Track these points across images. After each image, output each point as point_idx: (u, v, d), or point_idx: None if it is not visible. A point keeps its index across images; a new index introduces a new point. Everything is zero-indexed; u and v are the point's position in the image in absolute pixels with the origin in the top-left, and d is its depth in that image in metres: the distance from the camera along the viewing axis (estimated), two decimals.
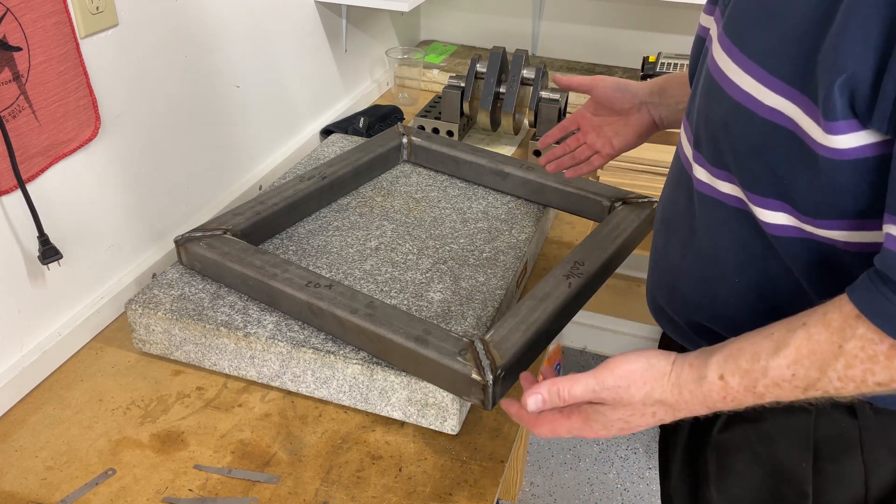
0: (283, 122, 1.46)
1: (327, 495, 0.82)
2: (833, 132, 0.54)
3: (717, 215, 0.69)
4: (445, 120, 1.57)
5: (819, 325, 0.57)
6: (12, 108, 0.85)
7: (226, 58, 1.24)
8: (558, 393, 0.67)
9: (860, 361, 0.55)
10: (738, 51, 0.61)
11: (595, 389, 0.65)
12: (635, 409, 0.65)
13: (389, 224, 1.15)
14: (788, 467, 0.73)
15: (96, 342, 1.04)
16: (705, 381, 0.62)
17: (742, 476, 0.77)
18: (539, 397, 0.67)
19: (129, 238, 1.10)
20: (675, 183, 0.77)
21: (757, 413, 0.73)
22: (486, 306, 0.98)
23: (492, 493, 0.83)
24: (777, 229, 0.64)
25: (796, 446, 0.72)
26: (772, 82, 0.58)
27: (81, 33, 0.93)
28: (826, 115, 0.54)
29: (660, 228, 0.81)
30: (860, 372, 0.55)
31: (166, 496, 0.81)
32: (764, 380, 0.59)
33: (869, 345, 0.54)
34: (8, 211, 0.89)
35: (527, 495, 1.93)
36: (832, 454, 0.71)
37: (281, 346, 0.91)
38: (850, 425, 0.70)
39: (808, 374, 0.57)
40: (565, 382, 0.66)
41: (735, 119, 0.62)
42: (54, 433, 0.89)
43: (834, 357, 0.56)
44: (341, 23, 1.59)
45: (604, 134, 1.02)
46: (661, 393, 0.64)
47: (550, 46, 2.00)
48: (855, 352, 0.55)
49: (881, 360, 0.54)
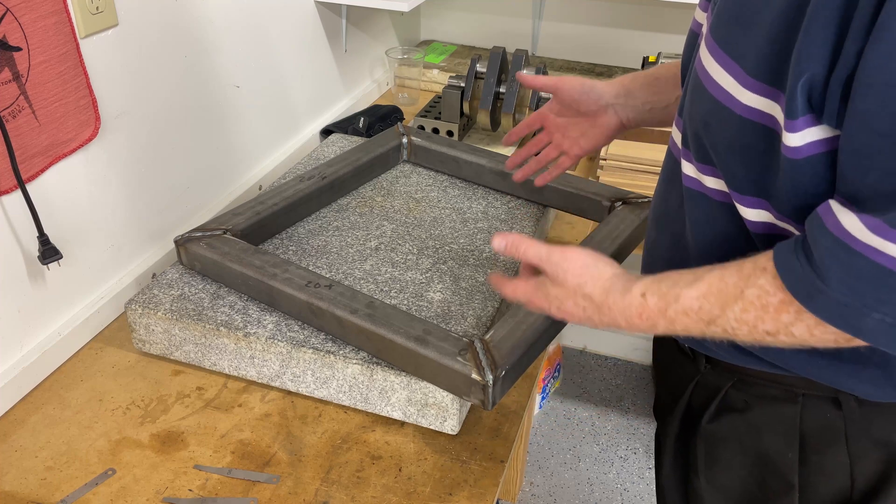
0: (283, 122, 1.46)
1: (327, 495, 0.82)
2: (793, 130, 0.56)
3: (704, 210, 0.70)
4: (445, 120, 1.57)
5: (732, 269, 0.61)
6: (12, 108, 0.85)
7: (226, 58, 1.24)
8: (517, 245, 0.74)
9: (754, 308, 0.59)
10: (719, 49, 0.63)
11: (542, 258, 0.72)
12: (567, 293, 0.70)
13: (389, 224, 1.15)
14: (775, 458, 0.74)
15: (96, 342, 1.04)
16: (629, 294, 0.67)
17: (730, 466, 0.78)
18: (503, 241, 0.75)
19: (129, 238, 1.10)
20: (666, 180, 0.78)
21: (745, 403, 0.75)
22: (486, 306, 0.98)
23: (492, 493, 0.83)
24: (757, 226, 0.65)
25: (783, 437, 0.74)
26: (749, 82, 0.60)
27: (81, 33, 0.93)
28: (788, 113, 0.56)
29: (651, 225, 0.82)
30: (752, 317, 0.59)
31: (166, 496, 0.81)
32: (675, 305, 0.63)
33: (764, 295, 0.58)
34: (8, 211, 0.89)
35: (527, 495, 1.93)
36: (818, 445, 0.72)
37: (281, 346, 0.91)
38: (835, 417, 0.71)
39: (711, 310, 0.61)
40: (525, 241, 0.74)
41: (715, 117, 0.64)
42: (54, 433, 0.89)
43: (734, 299, 0.60)
44: (341, 23, 1.59)
45: (570, 135, 1.01)
46: (591, 289, 0.69)
47: (550, 46, 2.00)
48: (752, 298, 0.59)
49: (770, 311, 0.58)
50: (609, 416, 2.17)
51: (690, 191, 0.71)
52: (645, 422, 2.15)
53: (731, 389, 0.76)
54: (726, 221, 0.68)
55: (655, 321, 0.65)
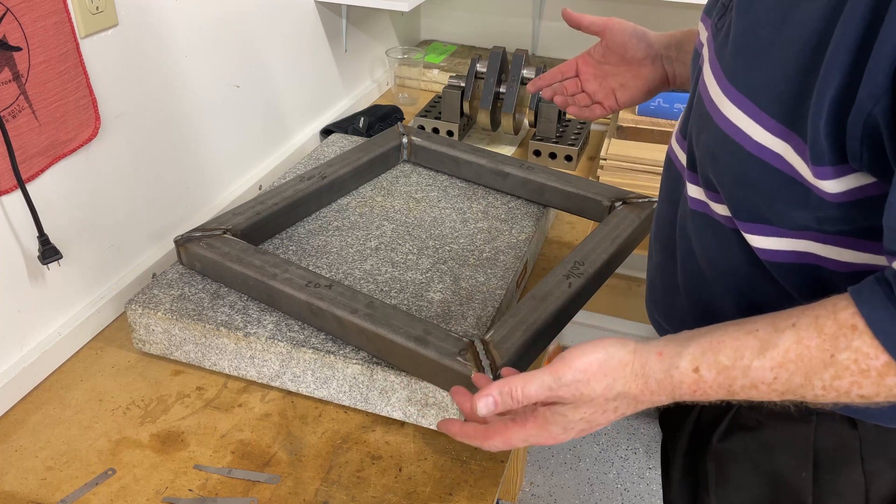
0: (283, 121, 1.46)
1: (327, 495, 0.82)
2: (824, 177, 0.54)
3: (716, 235, 0.67)
4: (445, 120, 1.57)
5: (811, 329, 0.53)
6: (12, 108, 0.85)
7: (225, 58, 1.24)
8: (511, 393, 0.60)
9: (850, 374, 0.52)
10: (727, 82, 0.60)
11: (552, 387, 0.59)
12: (597, 404, 0.60)
13: (389, 224, 1.15)
14: (787, 477, 0.72)
15: (96, 342, 1.04)
16: (677, 372, 0.57)
17: (741, 485, 0.76)
18: (490, 400, 0.61)
19: (129, 238, 1.10)
20: (668, 200, 0.76)
21: (757, 422, 0.72)
22: (486, 306, 0.98)
23: (492, 493, 0.83)
24: (767, 253, 0.63)
25: (796, 456, 0.71)
26: (762, 118, 0.57)
27: (81, 33, 0.93)
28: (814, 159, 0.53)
29: (654, 247, 0.79)
30: (847, 384, 0.52)
31: (166, 496, 0.81)
32: (743, 380, 0.55)
33: (864, 358, 0.51)
34: (8, 211, 0.89)
35: (527, 495, 1.93)
36: (832, 465, 0.70)
37: (281, 346, 0.91)
38: (850, 436, 0.68)
39: (791, 380, 0.54)
40: (518, 381, 0.60)
41: (723, 150, 0.61)
42: (54, 433, 0.89)
43: (823, 366, 0.52)
44: (341, 23, 1.59)
45: (606, 84, 0.93)
46: (624, 384, 0.58)
47: (550, 46, 2.00)
48: (847, 363, 0.52)
49: (873, 375, 0.51)
50: None
51: (698, 214, 0.68)
52: (645, 422, 2.15)
53: (743, 407, 0.73)
54: (731, 245, 0.65)
55: (711, 395, 0.57)
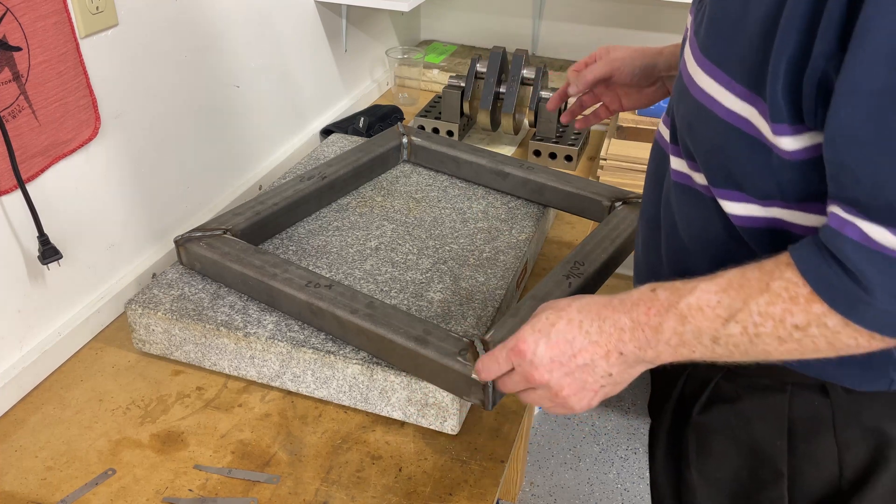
0: (283, 121, 1.46)
1: (327, 495, 0.82)
2: (781, 133, 0.58)
3: (695, 205, 0.70)
4: (445, 120, 1.57)
5: (753, 267, 0.60)
6: (12, 108, 0.85)
7: (226, 58, 1.24)
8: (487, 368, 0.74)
9: (782, 301, 0.57)
10: (701, 55, 0.64)
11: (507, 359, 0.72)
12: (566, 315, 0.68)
13: (389, 224, 1.15)
14: (764, 448, 0.75)
15: (96, 342, 1.04)
16: (636, 291, 0.65)
17: (720, 457, 0.78)
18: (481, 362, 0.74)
19: (129, 238, 1.10)
20: (654, 179, 0.79)
21: (735, 393, 0.76)
22: (486, 306, 0.98)
23: (492, 493, 0.83)
24: (741, 220, 0.66)
25: (772, 426, 0.74)
26: (732, 85, 0.61)
27: (81, 33, 0.93)
28: (773, 117, 0.57)
29: (640, 224, 0.82)
30: (780, 310, 0.57)
31: (166, 496, 0.81)
32: (689, 297, 0.61)
33: (793, 287, 0.57)
34: (8, 211, 0.89)
35: (527, 495, 1.93)
36: (806, 434, 0.73)
37: (281, 346, 0.91)
38: (822, 404, 0.71)
39: (732, 304, 0.59)
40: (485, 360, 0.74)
41: (697, 118, 0.65)
42: (54, 433, 0.89)
43: (759, 291, 0.58)
44: (341, 23, 1.59)
45: (611, 92, 1.06)
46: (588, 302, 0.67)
47: (550, 46, 2.00)
48: (778, 290, 0.58)
49: (801, 302, 0.57)
50: (609, 416, 2.17)
51: (680, 185, 0.71)
52: (645, 422, 2.15)
53: (722, 380, 0.77)
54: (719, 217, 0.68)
55: (663, 318, 0.62)
